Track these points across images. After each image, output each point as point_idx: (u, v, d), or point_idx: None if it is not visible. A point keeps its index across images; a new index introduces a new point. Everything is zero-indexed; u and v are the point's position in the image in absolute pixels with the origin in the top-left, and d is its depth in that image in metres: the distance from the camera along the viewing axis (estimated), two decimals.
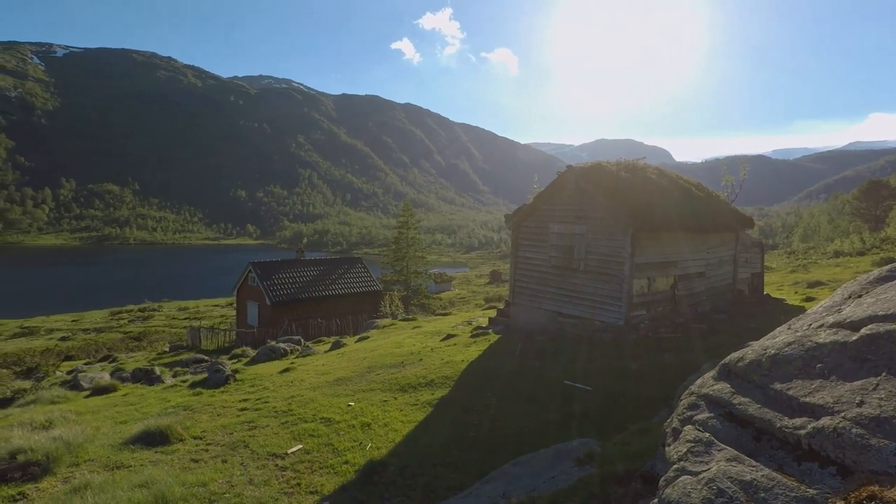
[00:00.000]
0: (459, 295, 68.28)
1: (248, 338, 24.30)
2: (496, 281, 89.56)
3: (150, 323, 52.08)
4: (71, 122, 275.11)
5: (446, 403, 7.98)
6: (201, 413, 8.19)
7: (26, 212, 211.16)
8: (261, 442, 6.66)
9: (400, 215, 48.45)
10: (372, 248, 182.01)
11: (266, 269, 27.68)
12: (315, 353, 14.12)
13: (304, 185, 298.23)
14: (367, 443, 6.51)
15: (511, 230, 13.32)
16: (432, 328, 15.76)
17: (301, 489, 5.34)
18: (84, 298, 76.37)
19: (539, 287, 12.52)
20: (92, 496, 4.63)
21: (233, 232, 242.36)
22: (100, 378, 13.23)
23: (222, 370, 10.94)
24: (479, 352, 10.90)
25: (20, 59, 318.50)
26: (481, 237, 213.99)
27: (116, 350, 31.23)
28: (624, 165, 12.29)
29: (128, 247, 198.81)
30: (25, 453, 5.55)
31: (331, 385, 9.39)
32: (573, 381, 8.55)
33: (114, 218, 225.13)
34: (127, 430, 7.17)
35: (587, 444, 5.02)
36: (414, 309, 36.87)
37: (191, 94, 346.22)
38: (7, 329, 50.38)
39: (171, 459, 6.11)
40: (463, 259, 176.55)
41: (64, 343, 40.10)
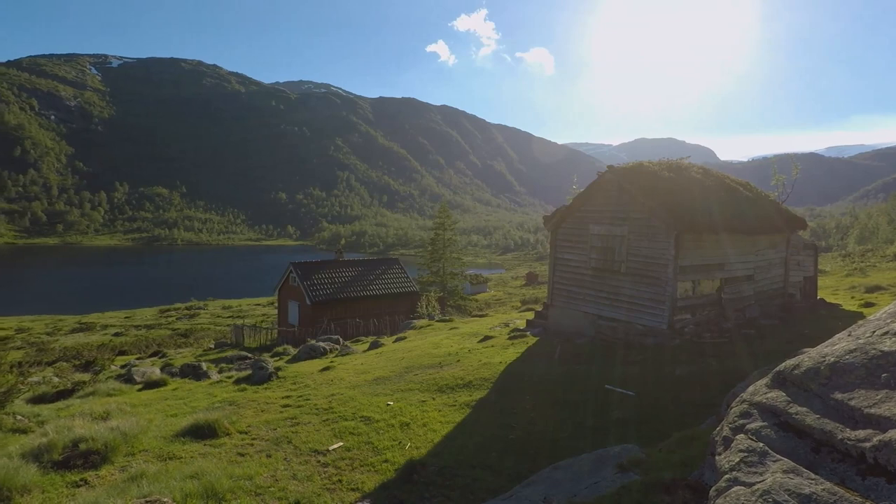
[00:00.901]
0: (495, 296, 68.00)
1: (289, 336, 24.93)
2: (532, 283, 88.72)
3: (197, 321, 54.17)
4: (124, 128, 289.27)
5: (484, 405, 7.97)
6: (246, 408, 8.45)
7: (84, 214, 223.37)
8: (303, 438, 6.82)
9: (436, 217, 48.67)
10: (408, 250, 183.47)
11: (306, 269, 28.33)
12: (354, 353, 14.35)
13: (342, 187, 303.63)
14: (406, 442, 6.57)
15: (549, 232, 13.18)
16: (469, 329, 15.76)
17: (343, 486, 5.44)
18: (135, 296, 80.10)
19: (578, 289, 12.33)
20: (147, 485, 4.85)
21: (274, 233, 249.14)
22: (151, 373, 13.83)
23: (265, 367, 11.26)
24: (516, 354, 10.83)
25: (79, 70, 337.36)
26: (517, 238, 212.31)
27: (165, 346, 32.58)
28: (667, 165, 11.97)
29: (176, 247, 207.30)
30: (87, 442, 5.87)
31: (370, 384, 9.53)
32: (614, 386, 8.38)
33: (163, 220, 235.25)
34: (177, 423, 7.46)
35: (630, 450, 4.91)
36: (450, 310, 36.96)
37: (235, 100, 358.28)
38: (67, 325, 53.39)
39: (218, 452, 6.34)
40: (498, 260, 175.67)
41: (117, 339, 42.20)
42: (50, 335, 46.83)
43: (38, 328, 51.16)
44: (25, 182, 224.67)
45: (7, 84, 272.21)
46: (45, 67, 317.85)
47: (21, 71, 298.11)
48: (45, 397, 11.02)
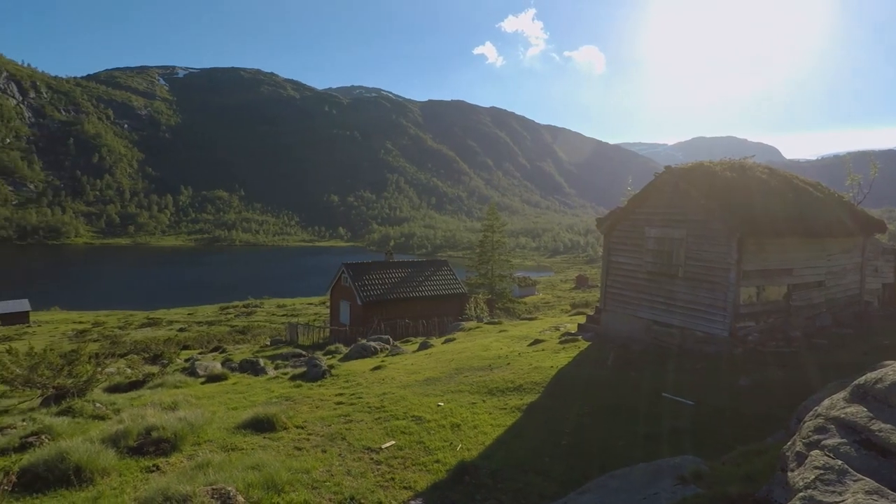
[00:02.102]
0: (544, 299, 67.11)
1: (341, 335, 25.56)
2: (582, 286, 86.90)
3: (253, 318, 56.52)
4: (189, 135, 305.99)
5: (536, 409, 7.88)
6: (301, 404, 8.73)
7: (152, 216, 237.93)
8: (356, 435, 6.97)
9: (485, 218, 48.57)
10: (455, 251, 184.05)
11: (357, 270, 28.98)
12: (403, 353, 14.54)
13: (391, 189, 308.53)
14: (457, 443, 6.60)
15: (603, 234, 12.88)
16: (519, 332, 15.63)
17: (395, 484, 5.52)
18: (197, 294, 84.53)
19: (633, 294, 11.98)
20: (213, 473, 5.10)
21: (326, 234, 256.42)
22: (213, 367, 14.52)
23: (319, 365, 11.60)
24: (568, 358, 10.64)
25: (149, 81, 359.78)
26: (567, 241, 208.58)
27: (225, 342, 34.18)
28: (729, 165, 11.44)
29: (234, 247, 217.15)
30: (158, 430, 6.25)
31: (420, 384, 9.62)
32: (671, 394, 8.09)
33: (223, 221, 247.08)
34: (238, 416, 7.80)
35: (691, 462, 4.72)
36: (498, 312, 36.77)
37: (290, 105, 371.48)
38: (137, 319, 56.98)
39: (277, 445, 6.58)
40: (547, 263, 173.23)
41: (182, 334, 44.67)
42: (122, 329, 50.20)
43: (111, 322, 54.95)
44: (101, 186, 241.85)
45: (87, 96, 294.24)
46: (120, 79, 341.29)
47: (99, 83, 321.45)
48: (120, 387, 11.79)
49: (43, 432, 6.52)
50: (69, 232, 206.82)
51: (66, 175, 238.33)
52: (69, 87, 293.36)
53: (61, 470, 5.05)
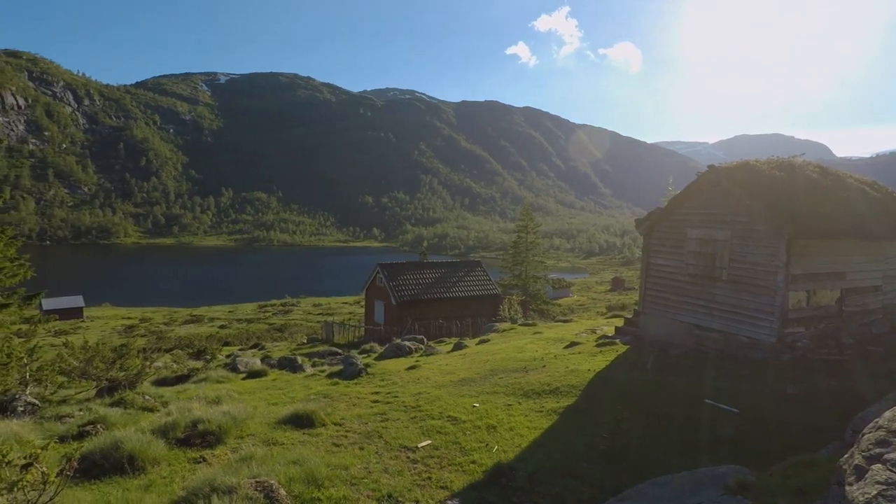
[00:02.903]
0: (578, 301, 66.14)
1: (375, 334, 25.87)
2: (618, 288, 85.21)
3: (290, 316, 57.80)
4: (230, 138, 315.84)
5: (572, 413, 7.78)
6: (339, 402, 8.87)
7: (195, 217, 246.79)
8: (392, 434, 7.03)
9: (518, 219, 48.24)
10: (489, 252, 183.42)
11: (392, 270, 29.27)
12: (438, 353, 14.59)
13: (424, 190, 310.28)
14: (493, 445, 6.57)
15: (641, 235, 12.59)
16: (554, 335, 15.46)
17: (432, 483, 5.55)
18: (237, 292, 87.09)
19: (673, 297, 11.66)
20: (256, 466, 5.25)
21: (360, 235, 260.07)
22: (253, 363, 14.91)
23: (355, 364, 11.76)
24: (605, 362, 10.46)
25: (193, 87, 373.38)
26: (602, 242, 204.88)
27: (263, 339, 35.08)
28: (776, 164, 10.99)
29: (272, 247, 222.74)
30: (204, 423, 6.47)
31: (455, 385, 9.63)
32: (714, 401, 7.83)
33: (262, 222, 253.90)
34: (278, 412, 7.99)
35: (738, 472, 4.56)
36: (532, 314, 36.46)
37: (326, 109, 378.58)
38: (181, 316, 59.15)
39: (316, 441, 6.71)
40: (582, 265, 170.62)
41: (223, 330, 46.09)
42: (167, 325, 52.19)
43: (157, 319, 57.21)
44: (148, 188, 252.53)
45: (136, 102, 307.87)
46: (166, 86, 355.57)
47: (146, 90, 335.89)
48: (166, 381, 12.28)
49: (98, 422, 6.86)
50: (119, 232, 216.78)
51: (117, 178, 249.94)
52: (120, 94, 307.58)
53: (116, 458, 5.30)
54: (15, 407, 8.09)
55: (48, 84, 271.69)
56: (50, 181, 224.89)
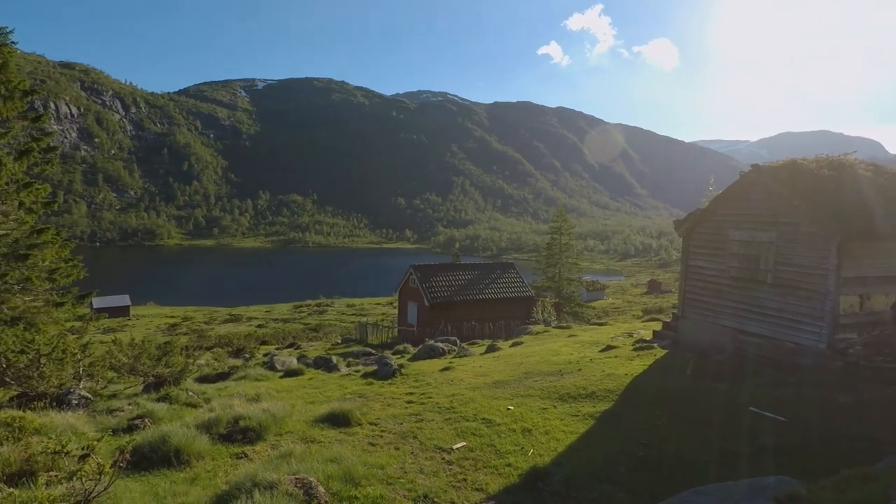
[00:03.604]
0: (613, 304, 64.90)
1: (409, 335, 26.04)
2: (655, 291, 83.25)
3: (325, 317, 58.77)
4: (267, 143, 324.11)
5: (609, 418, 7.64)
6: (374, 401, 8.97)
7: (234, 219, 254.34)
8: (427, 434, 7.06)
9: (552, 220, 47.73)
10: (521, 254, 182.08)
11: (425, 271, 29.41)
12: (471, 355, 14.56)
13: (456, 192, 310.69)
14: (528, 448, 6.52)
15: (681, 237, 12.26)
16: (589, 338, 15.21)
17: (467, 485, 5.54)
18: (274, 292, 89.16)
19: (714, 300, 11.30)
20: (295, 463, 5.36)
21: (392, 237, 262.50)
22: (289, 362, 15.23)
23: (390, 364, 11.87)
24: (643, 366, 10.22)
25: (232, 93, 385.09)
26: (638, 244, 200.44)
27: (299, 339, 35.77)
28: (826, 162, 10.52)
29: (307, 249, 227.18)
30: (245, 420, 6.66)
31: (489, 387, 9.60)
32: (760, 409, 7.55)
33: (297, 224, 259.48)
34: (315, 410, 8.14)
35: (788, 484, 4.38)
36: (566, 317, 36.00)
37: (360, 112, 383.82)
38: (220, 315, 60.95)
39: (352, 440, 6.80)
40: (617, 267, 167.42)
41: (260, 330, 47.23)
42: (207, 324, 53.85)
43: (198, 318, 59.10)
44: (190, 192, 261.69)
45: (178, 109, 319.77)
46: (207, 93, 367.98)
47: (189, 97, 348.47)
48: (208, 378, 12.67)
49: (146, 416, 7.14)
50: (162, 234, 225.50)
51: (161, 182, 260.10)
52: (164, 101, 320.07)
53: (163, 451, 5.51)
54: (70, 400, 8.50)
55: (98, 93, 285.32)
56: (99, 185, 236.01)
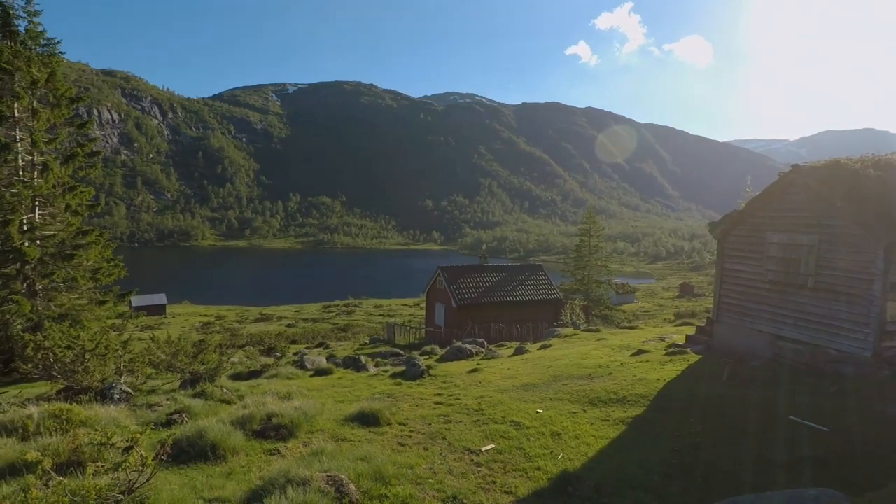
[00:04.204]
0: (644, 308, 63.68)
1: (436, 337, 26.10)
2: (687, 294, 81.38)
3: (353, 317, 59.46)
4: (297, 146, 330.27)
5: (642, 423, 7.49)
6: (402, 402, 9.02)
7: (265, 220, 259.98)
8: (456, 436, 7.07)
9: (581, 222, 47.14)
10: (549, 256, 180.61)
11: (453, 273, 29.45)
12: (499, 357, 14.51)
13: (484, 193, 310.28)
14: (558, 452, 6.46)
15: (716, 239, 11.94)
16: (619, 342, 14.96)
17: (496, 487, 5.52)
18: (303, 293, 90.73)
19: (751, 305, 10.97)
20: (327, 461, 5.44)
21: (420, 238, 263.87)
22: (319, 362, 15.45)
23: (418, 365, 11.92)
24: (676, 372, 10.00)
25: (264, 97, 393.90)
26: (669, 246, 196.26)
27: (328, 338, 36.29)
28: (872, 161, 10.09)
29: (336, 250, 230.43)
30: (277, 417, 6.79)
31: (518, 390, 9.55)
32: (800, 418, 7.29)
33: (326, 225, 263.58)
34: (345, 409, 8.23)
35: (830, 496, 4.22)
36: (595, 320, 35.49)
37: (388, 115, 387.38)
38: (251, 314, 62.32)
39: (382, 440, 6.86)
40: (647, 269, 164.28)
41: (290, 329, 48.11)
42: (239, 323, 55.16)
43: (230, 316, 60.58)
44: (224, 194, 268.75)
45: (213, 114, 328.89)
46: (240, 98, 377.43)
47: (222, 102, 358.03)
48: (241, 375, 12.97)
49: (183, 411, 7.36)
50: (197, 235, 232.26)
51: (196, 184, 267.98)
52: (199, 106, 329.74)
53: (200, 446, 5.68)
54: (112, 394, 8.84)
55: (138, 99, 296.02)
56: (138, 188, 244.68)
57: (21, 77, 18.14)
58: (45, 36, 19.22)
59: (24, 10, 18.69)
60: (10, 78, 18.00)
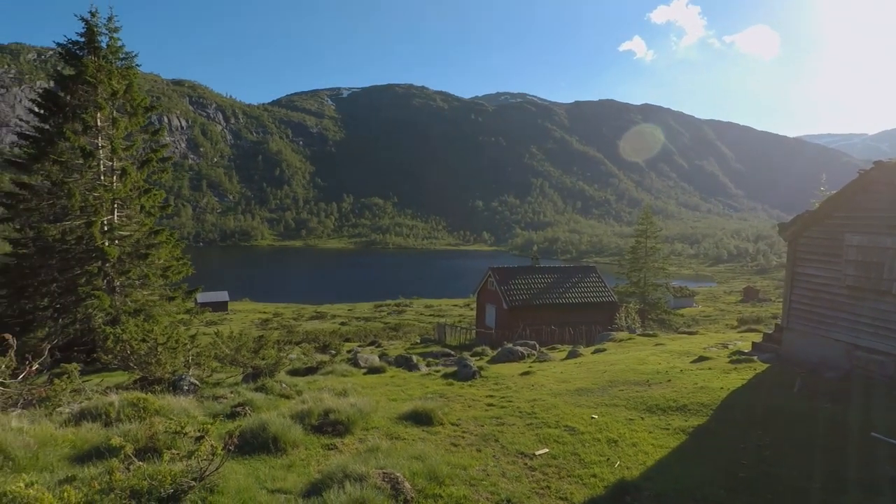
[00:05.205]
0: (704, 312, 60.89)
1: (486, 338, 26.03)
2: (751, 299, 77.16)
3: (403, 316, 60.27)
4: (351, 149, 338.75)
5: (704, 434, 7.17)
6: (455, 402, 9.05)
7: (320, 221, 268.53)
8: (509, 439, 7.02)
9: (638, 223, 45.68)
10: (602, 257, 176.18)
11: (504, 274, 29.28)
12: (551, 360, 14.29)
13: (535, 193, 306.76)
14: (615, 460, 6.29)
15: (786, 241, 11.25)
16: (678, 347, 14.38)
17: (551, 492, 5.44)
18: (355, 292, 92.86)
19: (826, 311, 10.26)
20: (382, 458, 5.54)
21: (470, 239, 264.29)
22: (372, 360, 15.75)
23: (469, 366, 11.93)
24: (741, 381, 9.49)
25: (319, 102, 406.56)
26: (732, 248, 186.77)
27: (380, 337, 36.96)
28: None
29: (388, 250, 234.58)
30: (335, 413, 6.98)
31: (571, 394, 9.37)
32: (884, 435, 6.75)
33: (378, 226, 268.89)
34: (398, 408, 8.36)
35: None
36: (651, 324, 34.30)
37: (439, 116, 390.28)
38: (307, 312, 64.39)
39: (435, 439, 6.91)
40: (708, 272, 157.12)
41: (343, 327, 49.36)
42: (295, 320, 57.12)
43: (287, 314, 62.85)
44: (281, 196, 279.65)
45: (272, 119, 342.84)
46: (297, 103, 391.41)
47: (280, 107, 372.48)
48: (298, 371, 13.42)
49: (246, 404, 7.70)
50: (257, 235, 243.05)
51: (255, 187, 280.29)
52: (259, 112, 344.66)
53: (263, 438, 5.92)
54: (181, 386, 9.38)
55: (203, 106, 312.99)
56: (203, 191, 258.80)
57: (103, 89, 19.60)
58: (123, 50, 20.69)
59: (105, 26, 20.18)
60: (93, 90, 19.49)
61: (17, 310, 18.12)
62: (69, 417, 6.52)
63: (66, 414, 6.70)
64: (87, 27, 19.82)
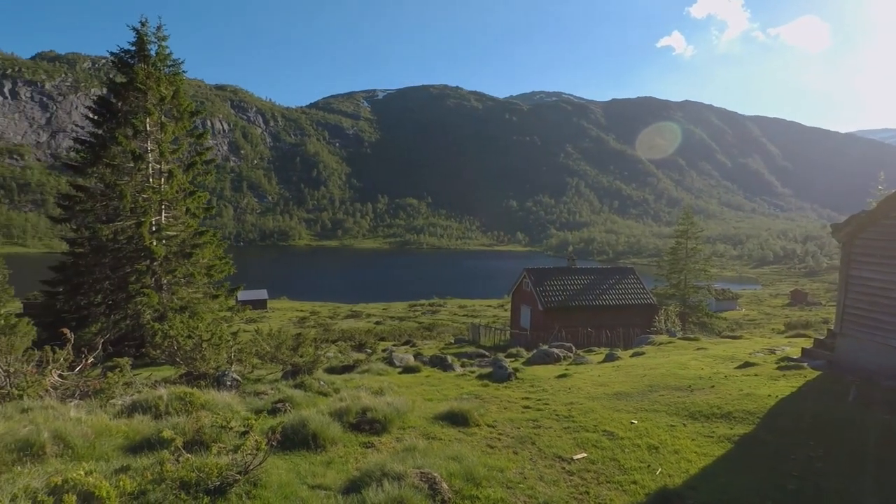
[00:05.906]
0: (748, 316, 58.80)
1: (521, 339, 25.83)
2: (799, 303, 73.94)
3: (438, 316, 60.50)
4: (386, 149, 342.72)
5: (750, 442, 6.90)
6: (490, 404, 9.02)
7: (356, 221, 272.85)
8: (546, 442, 6.94)
9: (678, 223, 44.38)
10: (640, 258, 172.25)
11: (539, 275, 29.00)
12: (588, 363, 14.06)
13: (570, 193, 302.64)
14: (656, 467, 6.12)
15: (840, 243, 10.71)
16: (721, 352, 13.89)
17: (590, 498, 5.35)
18: (390, 291, 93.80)
19: (884, 317, 9.70)
20: (419, 458, 5.57)
21: (504, 239, 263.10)
22: (407, 359, 15.86)
23: (504, 367, 11.86)
24: (790, 388, 9.09)
25: (355, 104, 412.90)
26: (778, 249, 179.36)
27: (414, 337, 37.22)
28: None
29: (422, 250, 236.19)
30: (372, 412, 7.07)
31: (609, 398, 9.18)
32: None
33: (412, 226, 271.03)
34: (434, 408, 8.38)
35: None
36: (692, 327, 33.30)
37: (473, 116, 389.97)
38: (343, 311, 65.46)
39: (471, 440, 6.90)
40: (752, 274, 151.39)
41: (378, 326, 49.95)
42: (331, 319, 58.17)
43: (323, 312, 64.09)
44: (318, 196, 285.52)
45: (309, 121, 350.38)
46: (333, 105, 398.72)
47: (317, 110, 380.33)
48: (335, 369, 13.65)
49: (286, 401, 7.89)
50: (294, 235, 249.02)
51: (293, 188, 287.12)
52: (296, 115, 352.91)
53: (303, 434, 6.05)
54: (225, 381, 9.69)
55: (244, 110, 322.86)
56: (244, 192, 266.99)
57: (152, 95, 20.47)
58: (171, 57, 21.55)
59: (154, 35, 21.07)
60: (143, 96, 20.39)
61: (73, 305, 19.14)
62: (122, 409, 6.84)
63: (119, 406, 7.03)
64: (137, 36, 20.76)
